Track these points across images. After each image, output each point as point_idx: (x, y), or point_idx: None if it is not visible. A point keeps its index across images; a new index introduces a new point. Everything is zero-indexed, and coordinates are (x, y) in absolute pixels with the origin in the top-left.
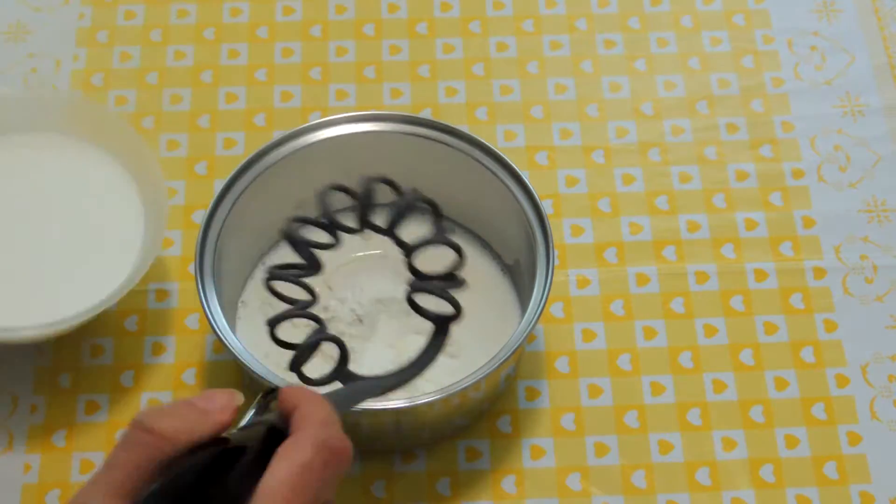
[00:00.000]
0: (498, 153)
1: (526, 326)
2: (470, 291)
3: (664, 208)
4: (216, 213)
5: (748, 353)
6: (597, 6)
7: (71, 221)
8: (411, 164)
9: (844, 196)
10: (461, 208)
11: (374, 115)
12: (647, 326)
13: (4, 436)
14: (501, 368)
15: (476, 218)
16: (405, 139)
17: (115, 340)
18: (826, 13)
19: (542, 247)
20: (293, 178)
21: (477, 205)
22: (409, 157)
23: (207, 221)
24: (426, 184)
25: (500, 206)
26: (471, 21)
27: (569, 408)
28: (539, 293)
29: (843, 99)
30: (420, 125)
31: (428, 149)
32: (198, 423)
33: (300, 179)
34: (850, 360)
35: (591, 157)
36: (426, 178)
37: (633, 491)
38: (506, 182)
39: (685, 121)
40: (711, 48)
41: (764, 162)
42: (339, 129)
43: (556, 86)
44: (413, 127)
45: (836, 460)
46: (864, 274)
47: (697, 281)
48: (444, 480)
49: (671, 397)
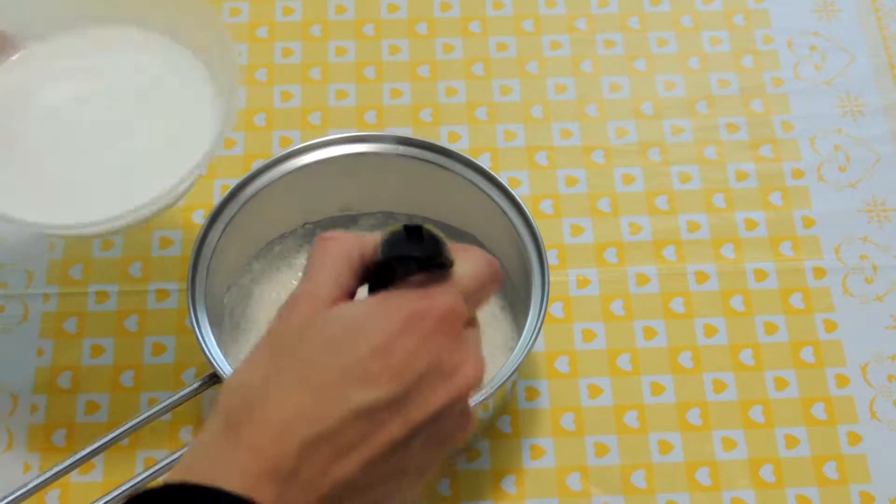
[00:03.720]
0: (491, 174)
1: (516, 360)
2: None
3: (664, 208)
4: (208, 236)
5: (748, 353)
6: (597, 6)
7: (143, 117)
8: (404, 184)
9: (844, 196)
10: (453, 227)
11: (364, 137)
12: (647, 326)
13: (4, 436)
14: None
15: (470, 236)
16: (398, 160)
17: (115, 340)
18: (826, 13)
19: (537, 275)
20: (287, 198)
21: (471, 224)
22: (401, 178)
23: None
24: (420, 205)
25: (491, 224)
26: (471, 21)
27: (569, 408)
28: (534, 319)
29: (843, 99)
30: (412, 146)
31: (421, 170)
32: (368, 237)
33: (297, 197)
34: (850, 360)
35: (590, 157)
36: (420, 199)
37: (633, 491)
38: (500, 204)
39: (685, 121)
40: (711, 48)
41: (764, 162)
42: (333, 149)
43: (556, 86)
44: (406, 148)
45: (836, 460)
46: (864, 274)
47: (697, 281)
48: (444, 480)
49: (671, 397)
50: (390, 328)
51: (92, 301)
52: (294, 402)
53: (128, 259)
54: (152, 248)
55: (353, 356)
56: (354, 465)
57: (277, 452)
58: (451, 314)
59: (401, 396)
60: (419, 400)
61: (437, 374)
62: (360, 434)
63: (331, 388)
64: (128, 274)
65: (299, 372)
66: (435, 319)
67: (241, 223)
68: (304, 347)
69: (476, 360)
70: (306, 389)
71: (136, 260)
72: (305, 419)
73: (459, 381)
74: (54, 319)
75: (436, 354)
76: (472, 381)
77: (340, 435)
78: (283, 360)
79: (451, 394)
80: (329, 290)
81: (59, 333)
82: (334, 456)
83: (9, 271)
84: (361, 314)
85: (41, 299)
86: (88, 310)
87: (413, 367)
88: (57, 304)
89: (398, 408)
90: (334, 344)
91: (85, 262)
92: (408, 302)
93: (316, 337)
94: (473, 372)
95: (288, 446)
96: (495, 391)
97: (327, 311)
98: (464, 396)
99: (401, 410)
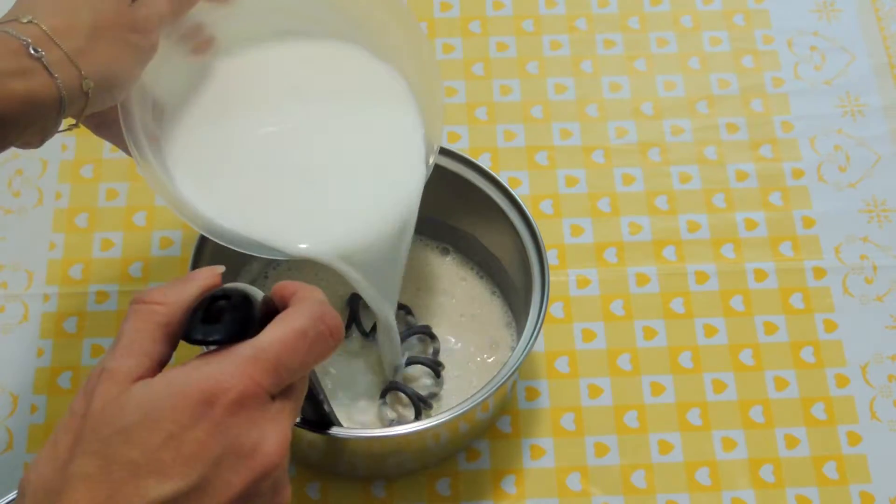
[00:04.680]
0: (491, 174)
1: (516, 360)
2: (460, 305)
3: (664, 208)
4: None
5: (748, 353)
6: (597, 6)
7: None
8: None
9: (844, 196)
10: (454, 227)
11: None
12: (647, 326)
13: (4, 436)
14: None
15: (473, 244)
16: None
17: None
18: (826, 13)
19: (537, 275)
20: None
21: (471, 224)
22: None
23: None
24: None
25: (491, 224)
26: (471, 21)
27: (569, 408)
28: (534, 319)
29: (843, 99)
30: None
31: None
32: (186, 286)
33: None
34: (850, 360)
35: (591, 157)
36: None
37: (633, 491)
38: (500, 204)
39: (685, 121)
40: (711, 48)
41: (764, 162)
42: None
43: (556, 86)
44: None
45: (836, 460)
46: (864, 274)
47: (697, 281)
48: (444, 480)
49: (671, 397)
50: (181, 417)
51: (92, 301)
52: (90, 498)
53: (128, 259)
54: (152, 248)
55: (146, 447)
56: None
57: None
58: (246, 394)
59: (198, 485)
60: (219, 485)
61: (235, 457)
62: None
63: (127, 481)
64: (128, 274)
65: (96, 463)
66: (228, 401)
67: None
68: (101, 435)
69: (276, 438)
70: (103, 484)
71: (136, 260)
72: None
73: (260, 459)
74: (54, 319)
75: (230, 438)
76: (273, 458)
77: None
78: (81, 448)
79: (252, 474)
80: (130, 366)
81: (59, 333)
82: None
83: (9, 271)
84: (154, 398)
85: (41, 299)
86: (88, 310)
87: (206, 455)
88: (57, 304)
89: (199, 496)
90: (128, 433)
91: (85, 262)
92: (198, 383)
93: (111, 423)
94: (274, 449)
95: None
96: (495, 391)
97: (126, 394)
98: (268, 474)
99: (202, 499)
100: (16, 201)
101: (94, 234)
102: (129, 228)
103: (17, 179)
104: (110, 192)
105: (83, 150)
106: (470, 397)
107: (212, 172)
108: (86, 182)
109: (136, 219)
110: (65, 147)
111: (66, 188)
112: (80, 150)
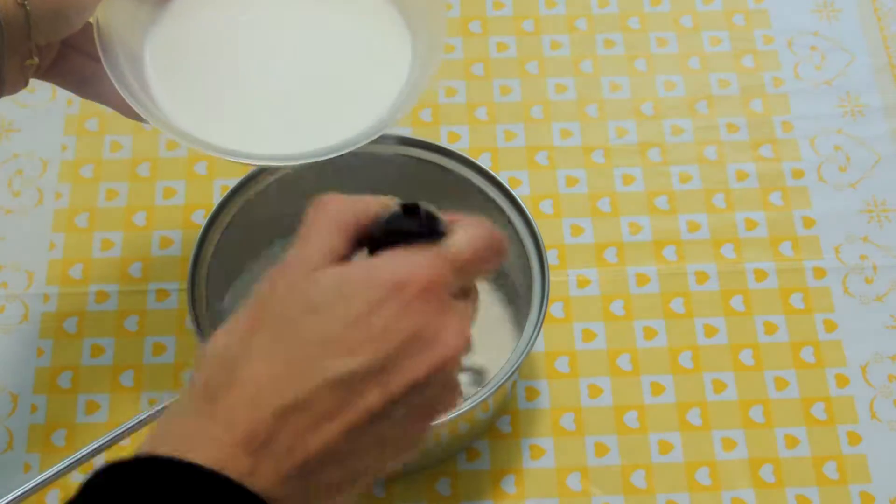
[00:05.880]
0: (491, 174)
1: (516, 360)
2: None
3: (664, 208)
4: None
5: (748, 353)
6: (597, 6)
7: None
8: (404, 184)
9: (844, 196)
10: None
11: None
12: (647, 326)
13: (4, 436)
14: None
15: None
16: (398, 160)
17: (115, 340)
18: (826, 13)
19: (537, 275)
20: (286, 199)
21: None
22: (401, 178)
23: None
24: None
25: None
26: (471, 21)
27: (569, 408)
28: (534, 319)
29: (843, 99)
30: (411, 145)
31: (421, 170)
32: (366, 198)
33: (296, 198)
34: (850, 360)
35: (590, 157)
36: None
37: (633, 491)
38: (500, 204)
39: (685, 121)
40: (711, 48)
41: (764, 162)
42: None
43: (556, 86)
44: (406, 147)
45: (836, 460)
46: (864, 274)
47: (697, 281)
48: (444, 480)
49: (671, 397)
50: (372, 296)
51: (92, 301)
52: (270, 370)
53: (128, 259)
54: (152, 248)
55: (332, 324)
56: (331, 435)
57: (250, 422)
58: (435, 283)
59: (379, 365)
60: (398, 369)
61: (418, 343)
62: (337, 404)
63: (308, 356)
64: (128, 274)
65: (278, 338)
66: (417, 288)
67: (241, 223)
68: (286, 313)
69: (458, 330)
70: (283, 358)
71: (136, 260)
72: (279, 388)
73: (440, 349)
74: (54, 319)
75: (416, 323)
76: (452, 350)
77: (315, 405)
78: (265, 324)
79: (431, 362)
80: (320, 256)
81: (59, 333)
82: (309, 426)
83: (9, 271)
84: (345, 281)
85: (41, 299)
86: (88, 310)
87: (392, 336)
88: (57, 304)
89: (376, 377)
90: (315, 311)
91: (85, 262)
92: (391, 270)
93: (298, 303)
94: (454, 341)
95: (261, 416)
96: (495, 391)
97: (313, 275)
98: (446, 365)
99: (379, 380)
100: (16, 201)
101: (94, 234)
102: (129, 228)
103: (17, 179)
104: (110, 192)
105: (83, 150)
106: (470, 397)
107: (191, 85)
108: (86, 182)
109: (136, 219)
110: (65, 147)
111: (66, 188)
112: (81, 150)
